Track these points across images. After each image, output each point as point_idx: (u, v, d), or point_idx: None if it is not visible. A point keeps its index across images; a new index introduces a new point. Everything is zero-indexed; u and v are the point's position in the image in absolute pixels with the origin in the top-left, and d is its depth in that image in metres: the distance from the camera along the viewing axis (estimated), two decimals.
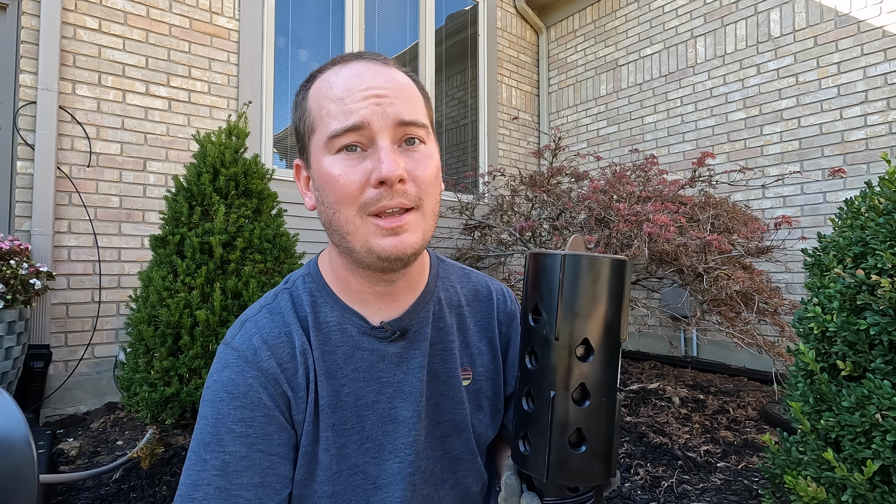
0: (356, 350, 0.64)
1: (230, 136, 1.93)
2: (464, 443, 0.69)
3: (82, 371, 2.66)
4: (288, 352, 0.62)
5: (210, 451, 0.57)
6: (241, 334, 0.63)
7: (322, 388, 0.62)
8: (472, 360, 0.72)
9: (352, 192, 0.56)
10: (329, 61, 0.63)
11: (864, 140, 3.00)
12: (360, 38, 3.72)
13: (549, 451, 0.49)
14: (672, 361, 3.59)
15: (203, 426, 0.58)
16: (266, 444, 0.59)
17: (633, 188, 2.80)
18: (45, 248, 2.50)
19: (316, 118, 0.59)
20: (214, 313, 1.65)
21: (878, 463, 0.99)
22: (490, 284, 0.79)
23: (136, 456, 1.84)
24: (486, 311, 0.75)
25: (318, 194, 0.61)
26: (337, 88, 0.57)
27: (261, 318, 0.64)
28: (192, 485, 0.56)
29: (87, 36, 2.72)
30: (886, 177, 1.20)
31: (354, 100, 0.56)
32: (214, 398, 0.59)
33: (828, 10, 3.15)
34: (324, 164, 0.58)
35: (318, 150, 0.59)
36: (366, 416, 0.64)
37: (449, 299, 0.72)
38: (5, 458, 0.69)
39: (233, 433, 0.57)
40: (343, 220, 0.57)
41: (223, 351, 0.62)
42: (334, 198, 0.57)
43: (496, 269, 4.23)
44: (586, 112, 4.57)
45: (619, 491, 1.81)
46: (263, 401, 0.59)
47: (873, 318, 1.04)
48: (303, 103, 0.62)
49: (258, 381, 0.59)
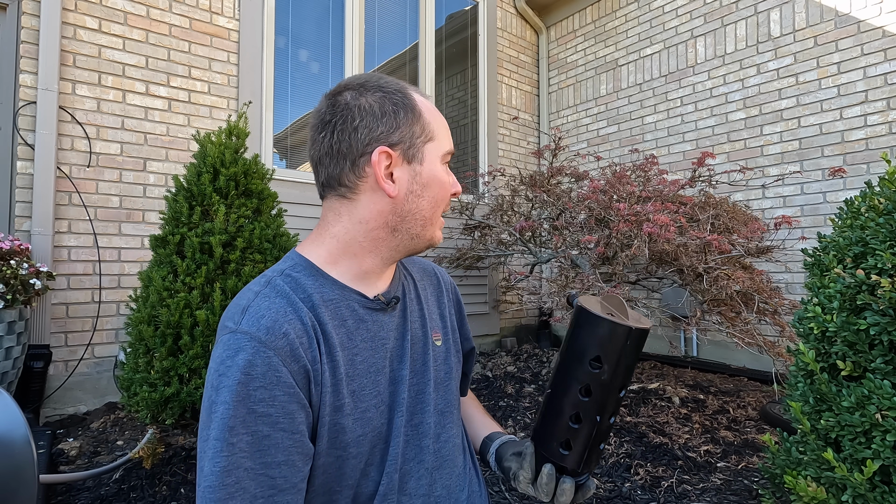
0: (361, 322, 0.71)
1: (230, 136, 1.93)
2: (445, 398, 0.80)
3: (82, 371, 2.66)
4: (299, 327, 0.64)
5: (236, 434, 0.57)
6: (248, 318, 0.63)
7: (339, 357, 0.66)
8: (436, 323, 0.84)
9: (447, 195, 0.76)
10: (400, 82, 0.76)
11: (864, 140, 3.00)
12: (360, 38, 3.72)
13: (590, 453, 0.71)
14: (672, 361, 3.59)
15: (223, 412, 0.58)
16: (288, 423, 0.60)
17: (633, 188, 2.80)
18: (45, 248, 2.50)
19: (435, 131, 0.74)
20: (214, 313, 1.65)
21: (878, 463, 0.99)
22: (431, 263, 0.96)
23: (138, 456, 1.84)
24: (435, 284, 0.90)
25: (415, 188, 0.72)
26: (440, 117, 0.77)
27: (261, 301, 0.65)
28: (222, 471, 0.57)
29: (87, 36, 2.72)
30: (886, 177, 1.20)
31: (448, 133, 0.78)
32: (232, 382, 0.59)
33: (828, 10, 3.15)
34: (438, 168, 0.74)
35: (434, 156, 0.74)
36: (378, 380, 0.71)
37: (410, 274, 0.86)
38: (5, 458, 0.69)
39: (255, 413, 0.58)
40: (434, 213, 0.74)
41: (230, 338, 0.62)
42: (441, 196, 0.74)
43: (496, 268, 4.23)
44: (586, 112, 4.57)
45: (619, 491, 1.81)
46: (283, 378, 0.60)
47: (873, 318, 1.04)
48: (413, 109, 0.73)
49: (275, 359, 0.60)
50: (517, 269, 3.86)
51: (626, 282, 2.92)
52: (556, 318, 2.78)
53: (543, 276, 4.49)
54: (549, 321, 4.45)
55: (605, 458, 2.03)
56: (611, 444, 2.13)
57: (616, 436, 2.20)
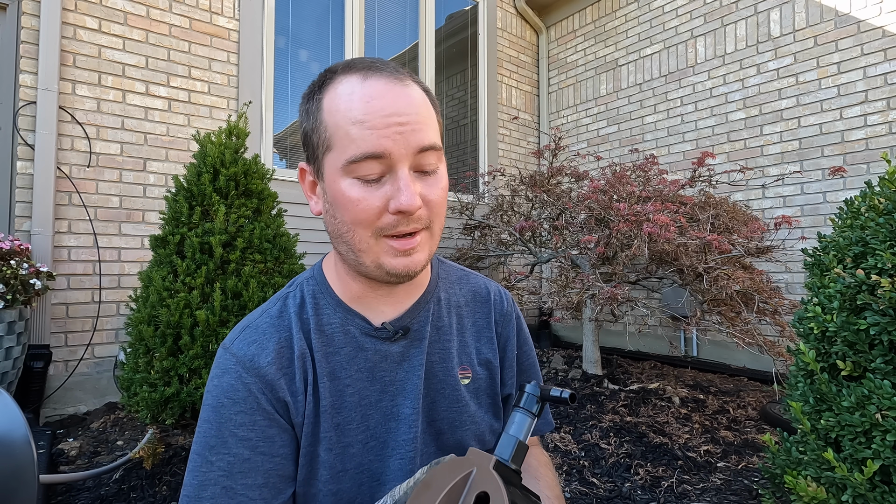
0: (359, 351, 0.66)
1: (230, 136, 1.93)
2: (457, 441, 0.70)
3: (82, 371, 2.66)
4: (287, 356, 0.63)
5: (215, 453, 0.58)
6: (240, 340, 0.64)
7: (324, 389, 0.63)
8: (470, 359, 0.73)
9: (369, 217, 0.57)
10: (343, 64, 0.60)
11: (864, 140, 3.00)
12: (360, 37, 3.72)
13: None
14: (672, 361, 3.59)
15: (206, 430, 0.60)
16: (268, 447, 0.60)
17: (633, 188, 2.80)
18: (45, 248, 2.50)
19: (333, 136, 0.57)
20: (214, 313, 1.65)
21: (878, 463, 0.99)
22: (488, 286, 0.80)
23: (138, 456, 1.84)
24: (485, 312, 0.77)
25: (328, 208, 0.61)
26: (357, 111, 0.55)
27: (261, 323, 0.65)
28: (199, 485, 0.58)
29: (87, 36, 2.72)
30: (886, 177, 1.20)
31: (376, 126, 0.55)
32: (216, 403, 0.60)
33: (828, 10, 3.15)
34: (341, 186, 0.57)
35: (334, 170, 0.58)
36: (370, 415, 0.65)
37: (448, 300, 0.74)
38: (5, 458, 0.69)
39: (235, 436, 0.59)
40: (357, 240, 0.59)
41: (222, 355, 0.63)
42: (350, 219, 0.58)
43: (496, 268, 4.23)
44: (586, 112, 4.57)
45: (619, 491, 1.81)
46: (262, 405, 0.60)
47: (873, 317, 1.04)
48: (317, 114, 0.59)
49: (256, 386, 0.60)
50: (517, 269, 3.86)
51: (626, 282, 2.92)
52: (556, 317, 2.78)
53: (543, 276, 4.49)
54: (549, 321, 4.45)
55: (605, 458, 2.03)
56: (611, 444, 2.13)
57: (616, 436, 2.20)
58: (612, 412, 2.45)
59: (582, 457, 2.05)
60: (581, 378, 2.97)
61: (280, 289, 0.81)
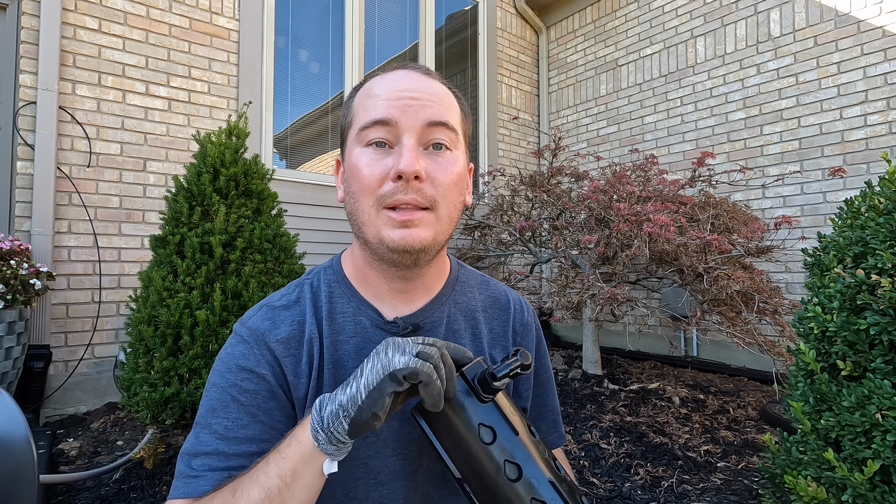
0: (367, 342, 0.67)
1: (230, 137, 1.93)
2: None
3: (82, 371, 2.66)
4: (296, 339, 0.65)
5: (216, 416, 0.61)
6: (257, 316, 0.67)
7: (328, 375, 0.65)
8: None
9: (371, 184, 0.60)
10: (379, 68, 0.69)
11: (864, 140, 3.00)
12: (360, 38, 3.72)
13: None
14: (672, 361, 3.59)
15: (212, 394, 0.62)
16: (268, 418, 0.62)
17: (633, 188, 2.80)
18: (45, 248, 2.50)
19: (354, 113, 0.64)
20: (214, 313, 1.65)
21: (878, 463, 0.99)
22: (508, 294, 0.80)
23: (138, 456, 1.84)
24: (503, 320, 0.77)
25: (346, 186, 0.65)
26: (377, 88, 0.62)
27: (279, 304, 0.68)
28: (193, 448, 0.60)
29: (87, 36, 2.72)
30: (886, 177, 1.20)
31: (389, 97, 0.60)
32: (224, 368, 0.63)
33: (828, 9, 3.15)
34: (353, 155, 0.62)
35: (351, 142, 0.64)
36: None
37: (465, 304, 0.74)
38: (5, 458, 0.69)
39: (237, 402, 0.61)
40: (360, 210, 0.61)
41: (239, 328, 0.67)
42: (357, 187, 0.61)
43: (496, 268, 4.23)
44: (586, 112, 4.57)
45: (619, 491, 1.81)
46: (268, 378, 0.62)
47: (873, 317, 1.04)
48: (349, 102, 0.67)
49: (266, 358, 0.63)
50: (517, 269, 3.86)
51: (626, 282, 2.92)
52: (556, 317, 2.78)
53: (543, 276, 4.49)
54: (549, 321, 4.45)
55: (605, 458, 2.03)
56: (611, 444, 2.13)
57: (616, 436, 2.20)
58: (612, 412, 2.45)
59: (582, 457, 2.05)
60: (581, 378, 2.97)
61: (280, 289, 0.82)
